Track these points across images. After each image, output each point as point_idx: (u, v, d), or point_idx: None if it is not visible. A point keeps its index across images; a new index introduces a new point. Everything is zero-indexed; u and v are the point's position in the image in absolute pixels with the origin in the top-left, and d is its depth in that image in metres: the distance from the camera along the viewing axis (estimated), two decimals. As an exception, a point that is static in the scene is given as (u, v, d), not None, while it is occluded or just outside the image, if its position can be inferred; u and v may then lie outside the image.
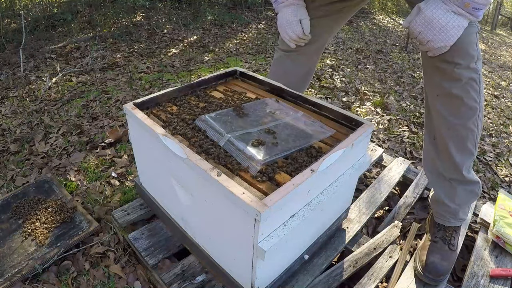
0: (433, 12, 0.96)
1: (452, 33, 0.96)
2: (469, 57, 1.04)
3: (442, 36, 0.97)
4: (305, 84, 1.56)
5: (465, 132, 1.13)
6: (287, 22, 1.29)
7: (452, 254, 1.23)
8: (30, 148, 2.00)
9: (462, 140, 1.15)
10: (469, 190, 1.24)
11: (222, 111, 1.18)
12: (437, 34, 0.97)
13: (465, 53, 1.03)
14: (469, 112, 1.11)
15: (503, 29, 8.63)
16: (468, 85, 1.07)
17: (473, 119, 1.12)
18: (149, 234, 1.30)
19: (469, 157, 1.18)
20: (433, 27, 0.97)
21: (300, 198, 0.91)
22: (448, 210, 1.26)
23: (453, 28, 0.96)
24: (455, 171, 1.20)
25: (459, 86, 1.07)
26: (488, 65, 4.30)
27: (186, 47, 3.76)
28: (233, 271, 1.04)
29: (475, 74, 1.07)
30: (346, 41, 4.42)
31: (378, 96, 2.91)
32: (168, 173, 1.10)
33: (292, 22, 1.28)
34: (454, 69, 1.05)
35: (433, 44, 0.99)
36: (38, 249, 1.30)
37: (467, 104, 1.09)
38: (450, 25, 0.96)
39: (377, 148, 1.86)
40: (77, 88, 2.75)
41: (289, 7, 1.27)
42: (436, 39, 0.98)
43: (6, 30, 3.61)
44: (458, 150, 1.17)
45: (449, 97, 1.11)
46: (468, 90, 1.08)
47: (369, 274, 1.21)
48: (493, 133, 2.54)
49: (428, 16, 0.97)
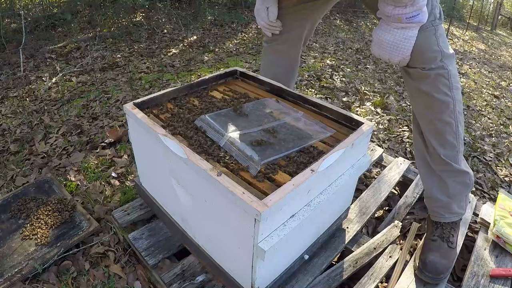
0: (379, 35, 1.08)
1: (403, 46, 1.05)
2: (430, 59, 1.11)
3: (395, 52, 1.07)
4: (293, 75, 1.58)
5: (441, 125, 1.18)
6: (256, 10, 1.38)
7: (452, 251, 1.23)
8: (30, 148, 2.00)
9: (441, 133, 1.19)
10: (460, 181, 1.25)
11: (222, 111, 1.18)
12: (390, 52, 1.08)
13: (425, 57, 1.10)
14: (442, 106, 1.16)
15: (503, 29, 8.63)
16: (436, 81, 1.13)
17: (448, 111, 1.16)
18: (149, 234, 1.30)
19: (451, 149, 1.21)
20: (384, 47, 1.09)
21: (300, 198, 0.91)
22: (441, 204, 1.27)
23: (402, 42, 1.05)
24: (442, 164, 1.23)
25: (427, 82, 1.14)
26: (488, 65, 4.30)
27: (186, 47, 3.76)
28: (233, 271, 1.04)
29: (442, 70, 1.12)
30: (346, 41, 4.41)
31: (378, 96, 2.91)
32: (168, 173, 1.10)
33: (259, 9, 1.36)
34: (420, 71, 1.13)
35: (392, 60, 1.10)
36: (38, 249, 1.30)
37: (438, 99, 1.15)
38: (398, 40, 1.05)
39: (377, 148, 1.86)
40: (77, 88, 2.75)
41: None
42: (392, 55, 1.09)
43: (6, 30, 3.60)
44: (439, 143, 1.21)
45: (420, 94, 1.17)
46: (437, 85, 1.13)
47: (369, 274, 1.21)
48: (493, 133, 2.54)
49: (376, 39, 1.10)
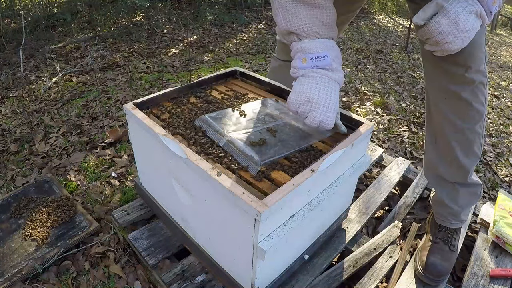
0: (459, 13, 0.87)
1: (470, 35, 0.90)
2: (479, 59, 1.03)
3: (462, 38, 0.89)
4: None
5: (472, 135, 1.13)
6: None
7: (453, 254, 1.23)
8: (30, 148, 2.00)
9: (470, 144, 1.14)
10: (472, 192, 1.25)
11: (222, 111, 1.17)
12: (458, 36, 0.89)
13: (476, 55, 1.02)
14: (477, 116, 1.10)
15: (503, 29, 8.62)
16: (477, 89, 1.06)
17: (480, 122, 1.11)
18: (149, 234, 1.30)
19: (475, 160, 1.18)
20: (456, 28, 0.88)
21: (300, 198, 0.91)
22: (450, 211, 1.26)
23: (471, 31, 0.89)
24: (460, 175, 1.20)
25: (469, 89, 1.05)
26: (488, 65, 4.29)
27: (186, 47, 3.76)
28: (233, 271, 1.04)
29: (484, 77, 1.05)
30: (346, 41, 4.41)
31: (378, 96, 2.91)
32: (168, 173, 1.10)
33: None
34: (464, 73, 1.03)
35: (450, 46, 0.91)
36: (38, 249, 1.30)
37: (476, 108, 1.08)
38: (470, 28, 0.88)
39: (377, 148, 1.86)
40: (77, 88, 2.75)
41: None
42: (456, 41, 0.89)
43: (6, 30, 3.60)
44: (465, 153, 1.16)
45: (458, 101, 1.08)
46: (477, 94, 1.07)
47: (369, 274, 1.21)
48: (493, 133, 2.54)
49: (453, 16, 0.87)
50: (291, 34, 0.98)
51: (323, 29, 0.97)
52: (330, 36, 0.99)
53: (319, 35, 0.96)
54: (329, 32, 0.98)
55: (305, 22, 0.95)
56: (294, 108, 0.97)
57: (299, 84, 0.97)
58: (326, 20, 0.97)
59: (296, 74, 0.99)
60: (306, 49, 0.96)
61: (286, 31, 0.98)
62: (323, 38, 0.97)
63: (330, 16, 0.97)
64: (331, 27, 0.99)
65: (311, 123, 0.96)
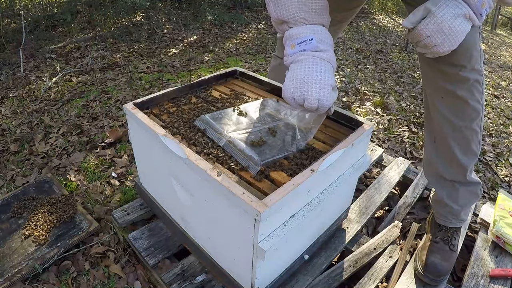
0: (446, 16, 0.89)
1: (459, 38, 0.91)
2: (473, 59, 1.04)
3: (450, 41, 0.91)
4: None
5: (469, 133, 1.13)
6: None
7: (453, 254, 1.23)
8: (30, 148, 2.00)
9: (467, 142, 1.15)
10: (471, 191, 1.25)
11: (222, 111, 1.17)
12: (446, 39, 0.91)
13: (469, 55, 1.03)
14: (474, 114, 1.11)
15: (503, 29, 8.63)
16: (473, 87, 1.07)
17: (477, 120, 1.12)
18: (149, 234, 1.30)
19: (473, 158, 1.19)
20: (444, 31, 0.90)
21: (300, 198, 0.91)
22: (450, 211, 1.26)
23: (460, 33, 0.91)
24: (460, 173, 1.20)
25: (465, 87, 1.06)
26: (488, 65, 4.30)
27: (186, 47, 3.76)
28: (233, 271, 1.04)
29: (479, 75, 1.06)
30: (346, 41, 4.41)
31: (378, 96, 2.91)
32: (168, 173, 1.10)
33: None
34: (459, 72, 1.05)
35: (439, 49, 0.93)
36: (38, 249, 1.30)
37: (472, 106, 1.09)
38: (458, 31, 0.90)
39: (377, 148, 1.86)
40: (77, 88, 2.75)
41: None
42: (444, 44, 0.91)
43: (6, 30, 3.60)
44: (463, 152, 1.17)
45: (454, 99, 1.10)
46: (473, 92, 1.08)
47: (369, 274, 1.21)
48: (493, 133, 2.54)
49: (440, 20, 0.89)
50: (283, 23, 0.99)
51: (312, 15, 0.97)
52: (319, 22, 0.99)
53: (306, 21, 0.96)
54: (318, 18, 0.98)
55: (293, 9, 0.95)
56: (290, 95, 0.95)
57: (290, 71, 0.97)
58: (316, 6, 0.97)
59: (287, 62, 0.99)
60: (293, 35, 0.96)
61: (278, 20, 0.99)
62: (311, 24, 0.97)
63: (320, 3, 0.97)
64: (321, 14, 0.99)
65: (310, 104, 0.93)
